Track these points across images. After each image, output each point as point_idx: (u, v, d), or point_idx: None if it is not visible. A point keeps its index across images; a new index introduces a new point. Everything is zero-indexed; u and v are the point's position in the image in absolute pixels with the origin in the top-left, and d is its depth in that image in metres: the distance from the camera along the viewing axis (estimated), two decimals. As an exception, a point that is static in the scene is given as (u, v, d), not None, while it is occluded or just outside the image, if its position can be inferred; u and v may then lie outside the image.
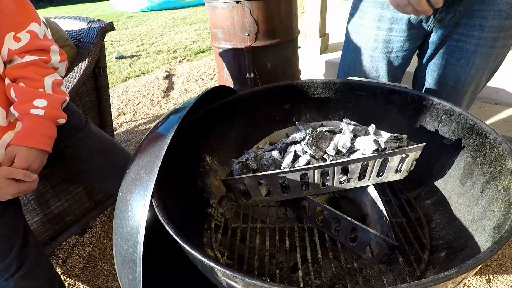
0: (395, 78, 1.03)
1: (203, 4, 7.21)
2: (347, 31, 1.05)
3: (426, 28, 0.89)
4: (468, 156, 0.71)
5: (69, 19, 1.34)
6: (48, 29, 0.85)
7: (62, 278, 1.23)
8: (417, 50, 1.00)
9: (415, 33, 0.92)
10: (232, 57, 1.88)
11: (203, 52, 4.04)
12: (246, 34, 1.73)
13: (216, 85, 0.88)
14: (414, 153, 0.69)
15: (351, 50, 1.04)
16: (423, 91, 1.01)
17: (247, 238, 0.77)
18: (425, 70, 0.98)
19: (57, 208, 1.25)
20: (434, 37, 0.91)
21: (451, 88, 0.94)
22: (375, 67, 1.00)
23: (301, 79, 1.65)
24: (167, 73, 3.35)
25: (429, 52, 0.94)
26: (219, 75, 2.10)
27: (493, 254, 0.40)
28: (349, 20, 1.03)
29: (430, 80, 0.98)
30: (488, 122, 2.02)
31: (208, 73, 3.25)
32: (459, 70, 0.89)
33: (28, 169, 0.75)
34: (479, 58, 0.86)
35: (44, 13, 8.27)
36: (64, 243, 1.38)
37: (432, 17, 0.86)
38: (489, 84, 2.22)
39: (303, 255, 0.72)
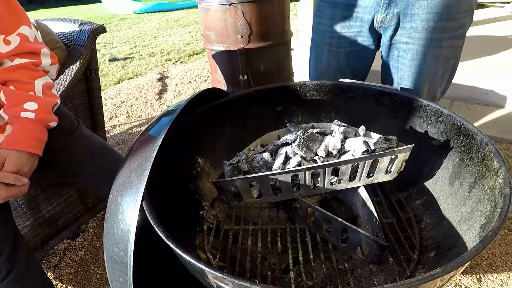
0: (359, 71, 1.09)
1: (196, 7, 7.22)
2: (312, 29, 1.14)
3: (376, 27, 0.96)
4: (456, 157, 0.72)
5: (60, 22, 1.34)
6: (38, 31, 0.85)
7: (54, 283, 1.22)
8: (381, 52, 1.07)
9: (366, 31, 0.98)
10: (225, 59, 1.88)
11: (196, 54, 4.04)
12: (239, 36, 1.73)
13: (210, 87, 0.88)
14: (403, 154, 0.69)
15: (314, 45, 1.13)
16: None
17: (239, 240, 0.78)
18: (385, 71, 1.04)
19: (48, 212, 1.23)
20: (384, 39, 0.97)
21: (408, 89, 0.99)
22: (335, 60, 1.07)
23: (294, 81, 1.66)
24: (161, 75, 3.35)
25: (385, 53, 1.00)
26: (213, 77, 2.10)
27: (478, 253, 0.41)
28: (313, 19, 1.12)
29: (390, 80, 1.03)
30: (478, 123, 2.04)
31: (201, 75, 3.25)
32: (414, 71, 0.95)
33: (18, 173, 0.74)
34: (429, 59, 0.92)
35: (35, 15, 8.21)
36: (55, 247, 1.37)
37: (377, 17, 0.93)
38: (479, 86, 2.26)
39: (295, 256, 0.72)
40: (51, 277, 1.26)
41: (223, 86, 1.99)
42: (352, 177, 0.72)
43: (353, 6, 0.96)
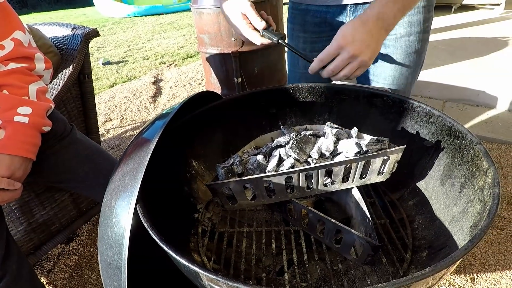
0: None
1: (190, 10, 7.22)
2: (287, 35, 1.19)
3: None
4: (447, 158, 0.73)
5: (53, 26, 1.33)
6: (31, 36, 0.85)
7: (48, 288, 1.21)
8: None
9: None
10: (219, 62, 1.89)
11: (190, 57, 4.04)
12: (233, 39, 1.74)
13: (204, 90, 0.89)
14: (395, 155, 0.70)
15: (290, 51, 1.16)
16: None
17: (234, 243, 0.78)
18: None
19: (41, 217, 1.23)
20: None
21: (382, 84, 1.04)
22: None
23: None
24: (155, 79, 3.34)
25: None
26: (207, 80, 2.11)
27: (467, 251, 0.42)
28: (287, 25, 1.17)
29: (364, 80, 1.07)
30: (470, 123, 2.07)
31: (196, 78, 3.26)
32: (387, 69, 1.00)
33: (11, 178, 0.74)
34: (401, 52, 0.96)
35: (27, 18, 8.15)
36: (49, 252, 1.36)
37: (346, 21, 0.98)
38: (471, 87, 2.29)
39: (290, 258, 0.73)
40: (44, 283, 1.25)
41: (217, 88, 1.99)
42: (345, 179, 0.73)
43: (322, 12, 1.00)
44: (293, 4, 1.08)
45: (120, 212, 0.56)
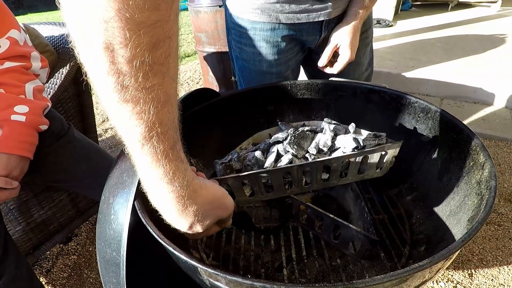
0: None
1: (187, 9, 7.21)
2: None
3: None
4: (445, 152, 0.73)
5: (49, 25, 1.33)
6: (27, 35, 0.85)
7: (47, 288, 1.21)
8: None
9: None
10: (216, 61, 1.89)
11: (188, 56, 4.04)
12: (230, 38, 1.73)
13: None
14: (393, 150, 0.70)
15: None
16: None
17: (232, 239, 0.78)
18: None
19: (40, 217, 1.22)
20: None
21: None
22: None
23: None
24: (152, 78, 3.33)
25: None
26: (204, 79, 2.11)
27: (464, 244, 0.42)
28: (246, 52, 1.17)
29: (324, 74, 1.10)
30: (467, 120, 2.08)
31: (193, 77, 3.25)
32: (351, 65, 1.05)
33: (8, 176, 0.73)
34: (363, 50, 1.08)
35: (23, 19, 8.12)
36: (48, 252, 1.36)
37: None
38: (468, 84, 2.30)
39: (288, 254, 0.73)
40: (43, 282, 1.25)
41: (215, 87, 1.99)
42: (343, 174, 0.73)
43: (295, 30, 1.02)
44: (255, 25, 1.00)
45: (118, 209, 0.56)
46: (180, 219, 0.47)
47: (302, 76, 1.24)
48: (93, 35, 0.31)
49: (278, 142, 0.76)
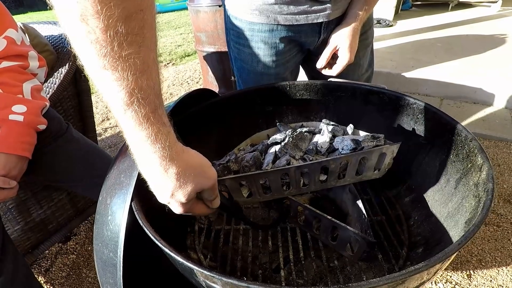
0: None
1: (187, 8, 7.20)
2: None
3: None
4: (443, 154, 0.73)
5: (49, 24, 1.33)
6: (26, 35, 0.85)
7: (45, 287, 1.21)
8: None
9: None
10: (216, 61, 1.89)
11: (188, 56, 4.03)
12: (230, 37, 1.73)
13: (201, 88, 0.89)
14: (391, 151, 0.70)
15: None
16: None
17: (230, 240, 0.78)
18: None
19: (39, 216, 1.22)
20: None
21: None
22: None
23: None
24: (152, 78, 3.33)
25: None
26: (204, 79, 2.11)
27: (460, 247, 0.42)
28: (244, 53, 1.17)
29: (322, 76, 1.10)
30: (467, 121, 2.07)
31: (193, 77, 3.25)
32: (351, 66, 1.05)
33: (7, 176, 0.73)
34: (362, 51, 1.08)
35: (24, 18, 8.12)
36: (47, 251, 1.36)
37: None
38: (468, 84, 2.29)
39: (286, 255, 0.73)
40: (42, 282, 1.25)
41: (214, 87, 1.99)
42: (341, 175, 0.73)
43: (294, 31, 1.01)
44: (256, 26, 0.99)
45: (116, 209, 0.56)
46: (162, 182, 0.47)
47: (303, 77, 1.24)
48: (70, 7, 0.34)
49: (276, 143, 0.76)
